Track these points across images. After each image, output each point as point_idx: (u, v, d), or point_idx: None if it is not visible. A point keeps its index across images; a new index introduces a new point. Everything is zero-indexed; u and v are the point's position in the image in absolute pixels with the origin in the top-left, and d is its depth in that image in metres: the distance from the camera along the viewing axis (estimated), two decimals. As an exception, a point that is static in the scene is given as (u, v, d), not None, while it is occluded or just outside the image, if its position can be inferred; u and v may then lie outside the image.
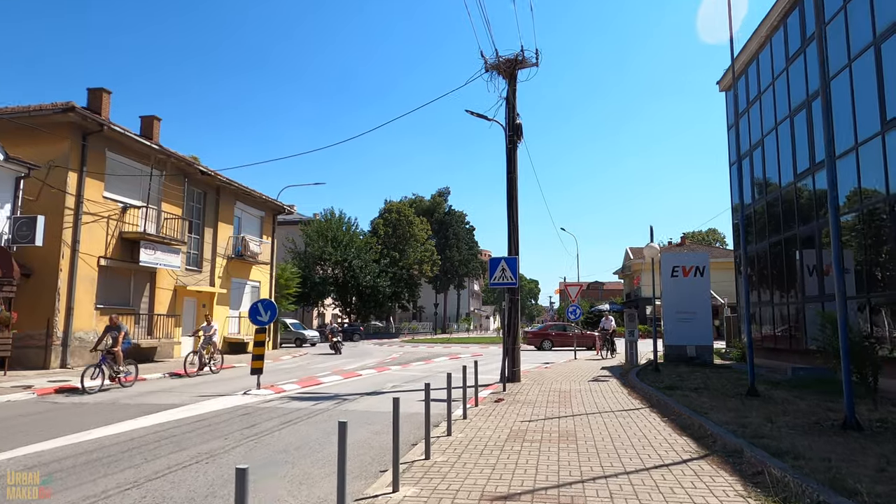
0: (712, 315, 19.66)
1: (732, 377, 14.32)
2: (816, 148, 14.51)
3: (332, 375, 15.25)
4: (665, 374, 14.85)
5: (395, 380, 14.73)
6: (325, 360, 21.87)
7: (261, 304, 12.66)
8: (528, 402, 10.37)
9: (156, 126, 22.42)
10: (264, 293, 27.09)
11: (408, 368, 18.29)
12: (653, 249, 15.65)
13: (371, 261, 51.18)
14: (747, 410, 9.04)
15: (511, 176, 14.21)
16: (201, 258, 22.60)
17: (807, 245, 15.43)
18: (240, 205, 25.14)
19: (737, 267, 21.29)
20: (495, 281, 12.04)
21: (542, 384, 13.35)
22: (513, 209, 14.04)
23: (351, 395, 11.71)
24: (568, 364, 20.09)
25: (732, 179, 21.09)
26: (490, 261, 12.18)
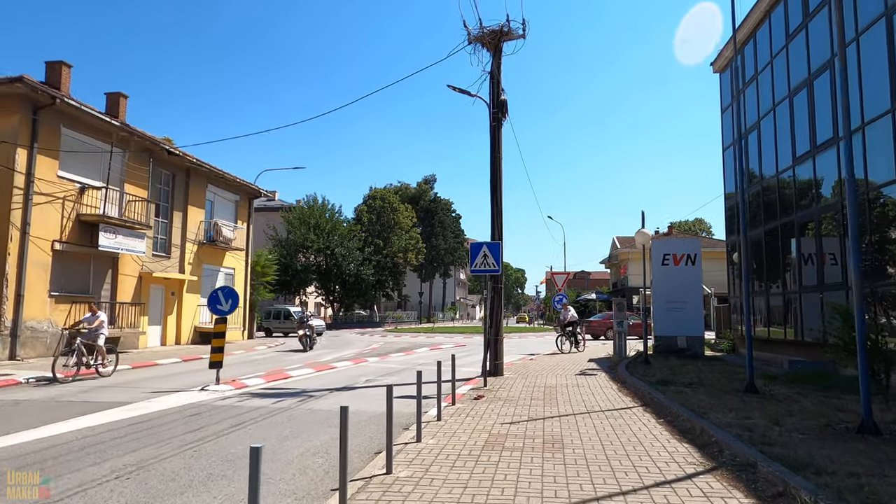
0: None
1: (727, 371, 13.59)
2: (818, 128, 13.72)
3: (304, 368, 14.28)
4: (656, 367, 14.09)
5: (371, 373, 13.82)
6: (302, 352, 20.88)
7: (221, 291, 11.64)
8: (511, 400, 9.50)
9: (122, 103, 21.16)
10: (239, 281, 25.98)
11: (386, 360, 17.38)
12: (644, 235, 14.83)
13: (355, 248, 50.08)
14: (749, 410, 8.24)
15: (495, 156, 13.26)
16: (170, 243, 21.43)
17: (805, 232, 14.69)
18: (212, 188, 23.94)
19: (728, 255, 20.58)
20: (477, 268, 11.12)
21: (527, 378, 12.51)
22: (497, 191, 13.10)
23: (319, 392, 10.76)
24: (554, 356, 19.29)
25: (726, 164, 20.33)
26: (471, 246, 11.26)
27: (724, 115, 20.49)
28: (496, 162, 13.21)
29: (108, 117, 17.83)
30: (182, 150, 21.39)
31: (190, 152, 22.13)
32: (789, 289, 15.63)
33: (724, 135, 20.41)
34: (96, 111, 17.47)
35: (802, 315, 14.47)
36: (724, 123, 20.54)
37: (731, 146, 19.74)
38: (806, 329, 14.28)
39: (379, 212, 56.63)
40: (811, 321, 14.05)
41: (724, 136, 20.40)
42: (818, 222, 13.83)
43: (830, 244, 13.43)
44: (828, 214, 13.42)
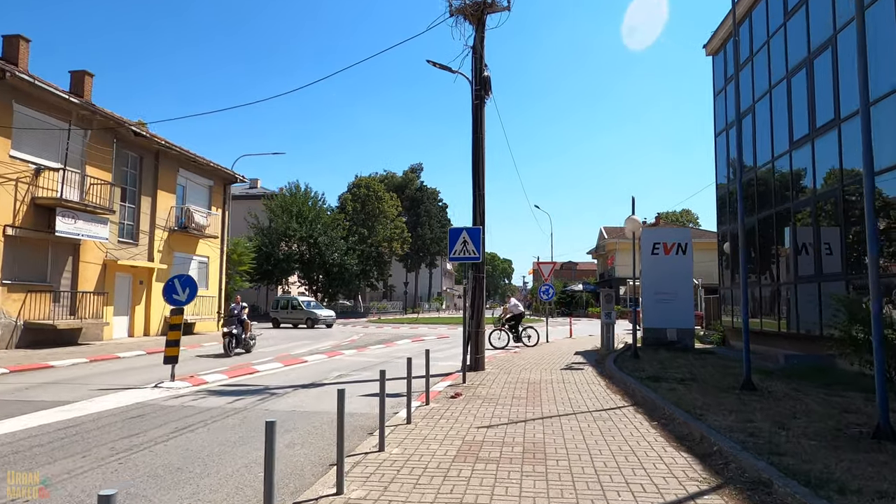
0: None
1: (720, 365, 12.95)
2: (818, 111, 13.01)
3: (272, 363, 13.41)
4: (645, 361, 13.41)
5: (344, 367, 12.99)
6: (279, 343, 20.00)
7: (178, 280, 10.70)
8: (490, 399, 8.72)
9: (87, 82, 19.99)
10: (214, 270, 24.96)
11: (364, 353, 16.55)
12: (634, 222, 14.08)
13: (338, 237, 49.06)
14: (749, 411, 7.54)
15: (477, 136, 12.40)
16: (137, 230, 20.35)
17: (803, 220, 14.02)
18: (184, 172, 22.83)
19: (719, 245, 19.96)
20: (456, 255, 10.29)
21: (509, 373, 11.75)
22: (479, 174, 12.26)
23: (283, 389, 9.91)
24: (539, 348, 18.58)
25: (718, 151, 19.64)
26: (450, 232, 10.42)
27: (716, 100, 19.77)
28: (478, 142, 12.36)
29: (67, 94, 16.68)
30: (150, 132, 20.27)
31: (161, 134, 21.05)
32: (783, 279, 15.00)
33: (717, 120, 19.71)
34: (54, 87, 16.33)
35: (798, 307, 13.84)
36: (716, 108, 19.83)
37: (723, 132, 19.05)
38: (802, 321, 13.66)
39: (363, 200, 55.53)
40: (807, 313, 13.43)
41: (717, 122, 19.69)
42: (816, 210, 13.16)
43: (829, 233, 12.77)
44: (828, 201, 12.74)
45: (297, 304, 32.97)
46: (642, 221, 65.34)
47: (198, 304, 23.22)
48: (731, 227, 18.36)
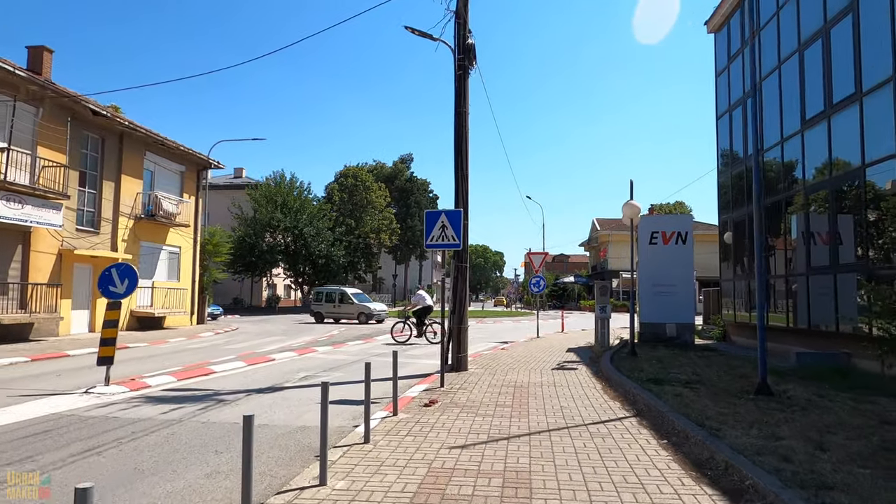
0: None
1: (725, 364, 11.81)
2: (835, 85, 11.83)
3: (234, 362, 12.12)
4: (644, 360, 12.26)
5: (313, 367, 11.74)
6: (251, 339, 18.71)
7: (116, 269, 9.41)
8: (470, 407, 7.50)
9: (46, 58, 18.53)
10: (186, 261, 23.57)
11: (339, 350, 15.30)
12: (633, 208, 12.87)
13: (325, 228, 47.66)
14: (773, 423, 6.38)
15: (460, 110, 11.13)
16: (99, 217, 18.94)
17: (818, 206, 12.87)
18: (152, 156, 21.39)
19: (720, 235, 18.82)
20: (433, 241, 9.04)
21: (495, 374, 10.54)
22: (462, 152, 11.00)
23: (233, 394, 8.65)
24: (529, 344, 17.42)
25: (720, 134, 18.46)
26: (426, 215, 9.16)
27: (718, 80, 18.57)
28: (461, 117, 11.08)
29: (13, 66, 15.21)
30: (113, 112, 18.82)
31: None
32: (793, 270, 13.87)
33: (719, 102, 18.52)
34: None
35: (810, 300, 12.72)
36: (718, 89, 18.64)
37: (725, 114, 17.87)
38: (814, 316, 12.54)
39: (351, 190, 54.11)
40: (821, 307, 12.32)
41: (719, 104, 18.50)
42: (834, 194, 11.99)
43: (847, 220, 11.64)
44: (852, 187, 11.56)
45: (345, 297, 29.65)
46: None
47: (168, 297, 21.88)
48: (734, 214, 17.22)
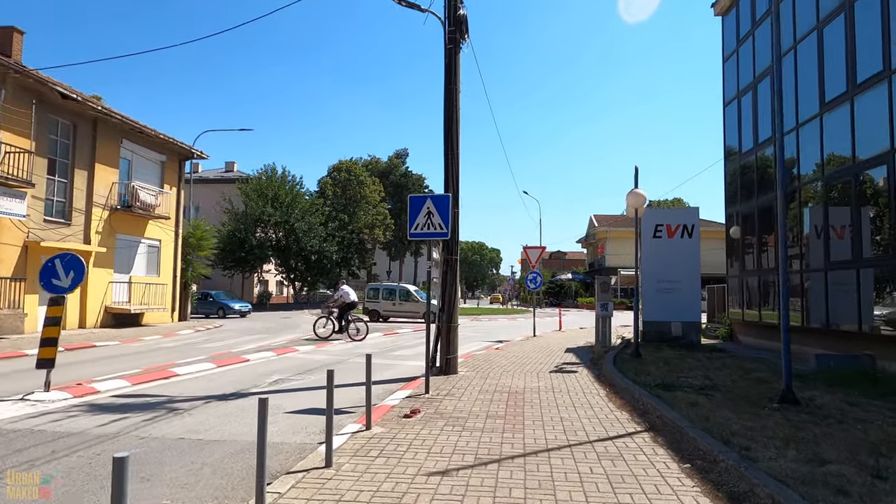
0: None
1: (738, 366, 10.87)
2: (859, 64, 10.87)
3: (202, 363, 11.10)
4: (649, 362, 11.31)
5: (289, 369, 10.74)
6: (233, 337, 17.71)
7: (60, 260, 8.32)
8: (457, 418, 6.52)
9: (16, 40, 17.42)
10: (167, 254, 22.51)
11: (321, 349, 14.30)
12: (638, 197, 11.88)
13: (317, 223, 46.59)
14: (810, 440, 5.43)
15: (450, 87, 10.12)
16: (70, 207, 17.87)
17: (840, 195, 11.91)
18: (129, 144, 20.31)
19: (727, 229, 17.85)
20: (418, 230, 8.04)
21: (487, 378, 9.56)
22: (452, 131, 9.99)
23: (192, 401, 7.65)
24: (525, 343, 16.45)
25: (727, 122, 17.49)
26: (410, 200, 8.15)
27: (726, 66, 17.60)
28: (452, 95, 10.07)
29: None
30: (85, 95, 17.73)
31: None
32: (808, 266, 12.93)
33: (726, 88, 17.54)
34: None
35: (829, 297, 11.78)
36: (725, 75, 17.67)
37: (733, 100, 16.90)
38: (833, 314, 11.61)
39: (344, 185, 53.03)
40: (841, 305, 11.39)
41: (726, 90, 17.53)
42: (856, 183, 11.03)
43: (873, 211, 10.69)
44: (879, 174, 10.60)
45: (409, 295, 28.38)
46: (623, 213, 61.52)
47: (146, 293, 20.84)
48: (742, 207, 16.27)
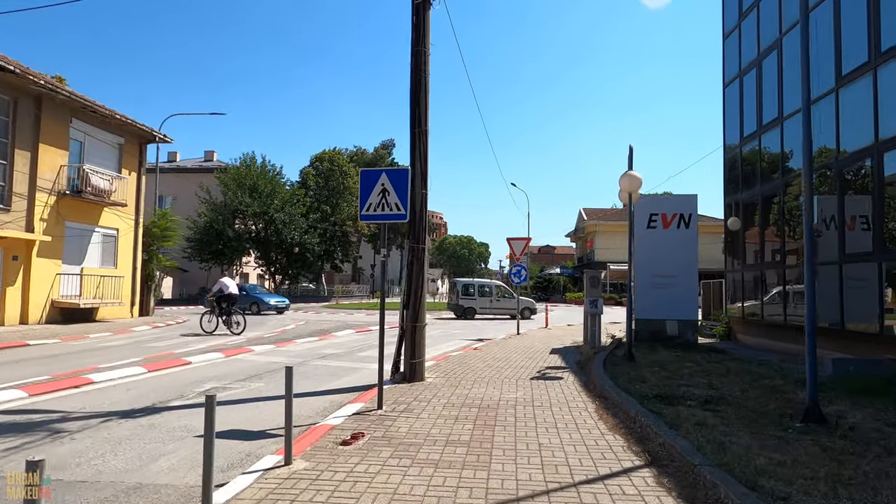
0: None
1: (743, 371, 9.61)
2: (884, 31, 9.58)
3: (132, 367, 9.62)
4: (644, 365, 10.03)
5: (232, 374, 9.32)
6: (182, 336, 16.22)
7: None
8: (408, 446, 5.15)
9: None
10: (125, 245, 20.91)
11: (280, 350, 12.87)
12: (633, 180, 10.52)
13: (298, 215, 44.99)
14: (863, 482, 4.15)
15: (418, 49, 8.69)
16: (9, 192, 16.24)
17: (858, 180, 10.67)
18: (81, 124, 18.66)
19: (725, 220, 16.60)
20: (370, 212, 6.63)
21: (457, 386, 8.20)
22: (420, 102, 8.57)
23: (85, 420, 6.21)
24: (507, 342, 15.12)
25: (727, 105, 16.21)
26: (361, 175, 6.71)
27: (726, 43, 16.31)
28: (420, 59, 8.64)
29: None
30: (26, 68, 16.07)
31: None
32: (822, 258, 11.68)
33: (727, 67, 16.26)
34: None
35: (844, 294, 10.53)
36: (725, 53, 16.38)
37: (735, 80, 15.61)
38: (849, 314, 10.37)
39: (327, 175, 51.39)
40: (859, 303, 10.16)
41: (727, 69, 16.25)
42: (878, 166, 9.77)
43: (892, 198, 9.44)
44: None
45: (505, 292, 28.28)
46: (625, 204, 60.79)
47: (101, 287, 19.26)
48: (744, 195, 15.02)
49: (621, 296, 50.51)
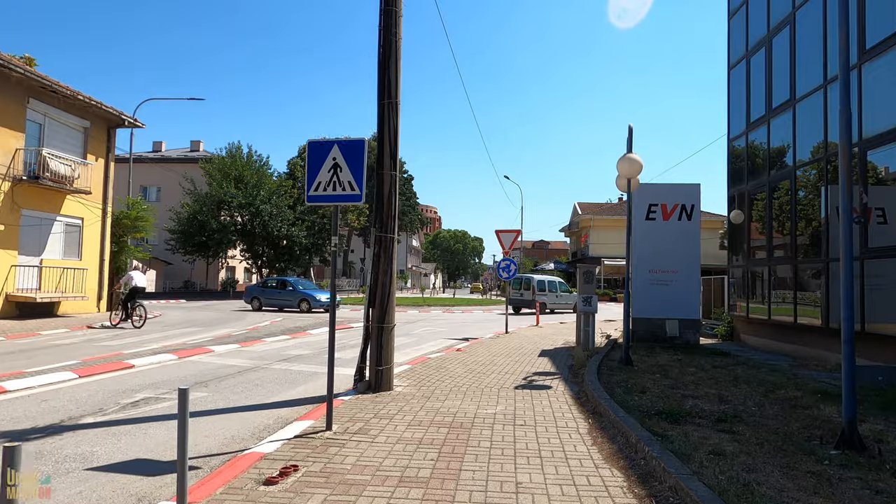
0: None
1: (753, 378, 8.54)
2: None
3: (63, 372, 8.46)
4: (643, 371, 8.97)
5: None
6: (153, 332, 15.08)
7: None
8: (348, 490, 4.01)
9: None
10: (92, 236, 19.67)
11: (245, 349, 11.72)
12: (632, 163, 9.38)
13: (285, 206, 43.72)
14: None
15: (388, 8, 7.51)
16: (-44, 176, 15.01)
17: (875, 169, 9.60)
18: (40, 105, 17.38)
19: (728, 212, 15.53)
20: (318, 192, 5.48)
21: (429, 399, 7.08)
22: (388, 68, 7.40)
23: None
24: (494, 342, 14.01)
25: (732, 87, 15.10)
26: (308, 147, 5.56)
27: (732, 21, 15.18)
28: (391, 18, 7.46)
29: None
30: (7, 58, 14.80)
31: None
32: (835, 253, 10.60)
33: (732, 47, 15.14)
34: None
35: (866, 292, 9.46)
36: (731, 32, 15.26)
37: (741, 61, 14.50)
38: (873, 314, 9.30)
39: (315, 166, 49.96)
40: (883, 302, 9.09)
41: (732, 49, 15.13)
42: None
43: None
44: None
45: (555, 286, 28.87)
46: (619, 197, 59.33)
47: (63, 279, 18.03)
48: (750, 185, 13.95)
49: (615, 292, 49.53)
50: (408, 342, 13.99)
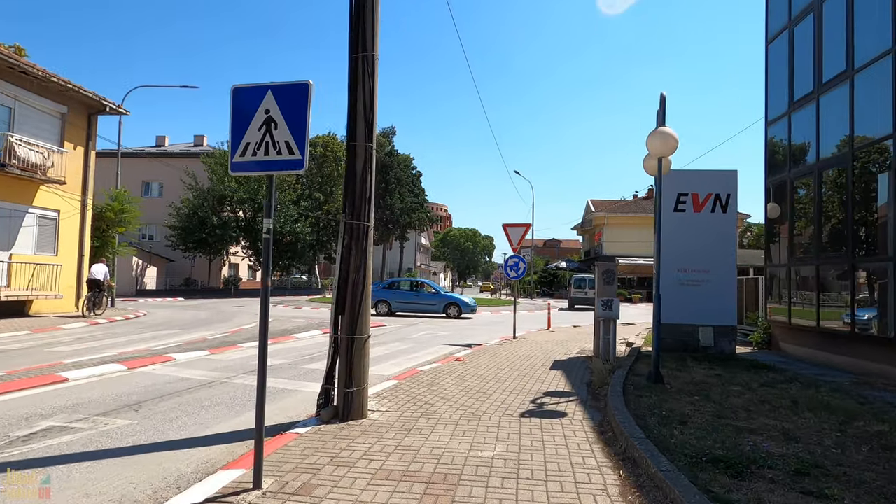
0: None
1: (814, 402, 6.87)
2: None
3: (-27, 387, 7.05)
4: (678, 391, 7.35)
5: (112, 398, 6.70)
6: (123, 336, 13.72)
7: None
8: None
9: None
10: (69, 230, 18.34)
11: (214, 357, 10.23)
12: (666, 138, 7.74)
13: (288, 202, 42.43)
14: None
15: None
16: (-90, 163, 13.69)
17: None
18: (8, 87, 16.04)
19: (766, 204, 13.82)
20: (244, 158, 3.94)
21: (409, 432, 5.53)
22: (365, 16, 5.84)
23: None
24: (500, 350, 12.42)
25: (771, 64, 13.38)
26: (233, 95, 4.00)
27: (770, -10, 13.46)
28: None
29: None
30: None
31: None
32: None
33: (771, 19, 13.42)
34: None
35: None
36: (769, 4, 13.54)
37: (783, 31, 12.78)
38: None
39: (320, 161, 48.71)
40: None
41: (771, 22, 13.41)
42: None
43: None
44: None
45: (594, 283, 24.86)
46: (634, 194, 56.68)
47: (34, 277, 16.70)
48: (792, 173, 12.25)
49: (630, 292, 47.64)
50: (402, 349, 12.45)
